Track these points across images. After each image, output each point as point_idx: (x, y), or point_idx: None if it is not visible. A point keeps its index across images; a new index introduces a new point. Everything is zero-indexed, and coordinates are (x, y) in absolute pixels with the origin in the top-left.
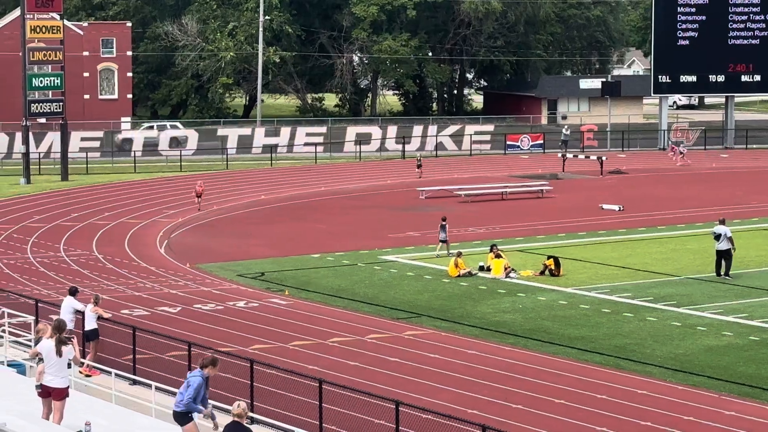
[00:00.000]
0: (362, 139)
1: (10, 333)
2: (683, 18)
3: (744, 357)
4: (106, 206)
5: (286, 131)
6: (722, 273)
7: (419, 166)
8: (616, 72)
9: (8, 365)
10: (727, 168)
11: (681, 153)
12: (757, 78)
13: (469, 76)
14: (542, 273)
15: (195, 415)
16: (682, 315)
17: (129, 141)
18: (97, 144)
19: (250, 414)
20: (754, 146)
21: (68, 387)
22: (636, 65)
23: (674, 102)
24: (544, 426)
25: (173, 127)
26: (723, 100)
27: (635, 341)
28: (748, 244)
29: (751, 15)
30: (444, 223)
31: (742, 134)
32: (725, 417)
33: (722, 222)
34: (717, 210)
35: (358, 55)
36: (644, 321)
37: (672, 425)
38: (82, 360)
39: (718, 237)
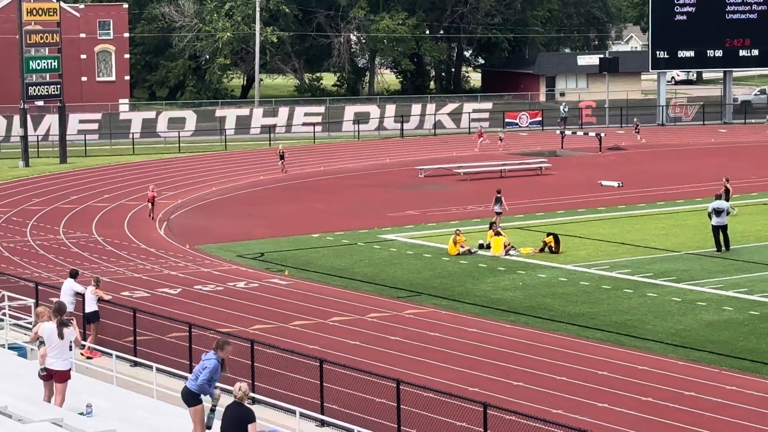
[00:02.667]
0: (360, 119)
1: (11, 316)
2: None
3: (744, 331)
4: (105, 188)
5: (284, 111)
6: (722, 248)
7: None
8: (614, 48)
9: (9, 348)
10: (725, 143)
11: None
12: (755, 52)
13: (467, 54)
14: (542, 250)
15: (203, 397)
16: (682, 290)
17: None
18: (95, 126)
19: (251, 394)
20: (753, 121)
21: (70, 369)
22: (634, 41)
23: (672, 77)
24: (545, 403)
25: None
26: (721, 75)
27: (635, 317)
28: (748, 219)
29: None
30: (499, 195)
31: (741, 109)
32: (726, 391)
33: (719, 197)
34: (716, 186)
35: (356, 34)
36: (644, 297)
37: (673, 401)
38: (83, 342)
39: (718, 213)
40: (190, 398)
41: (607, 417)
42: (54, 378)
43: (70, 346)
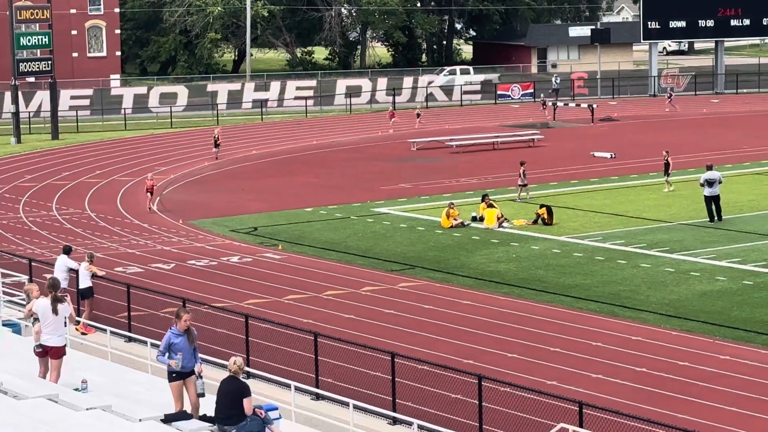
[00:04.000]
0: (352, 92)
1: (5, 293)
2: None
3: (737, 301)
4: (97, 164)
5: (275, 86)
6: (715, 218)
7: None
8: (605, 19)
9: (3, 325)
10: (718, 113)
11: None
12: (746, 22)
13: (459, 26)
14: (535, 222)
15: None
16: (676, 261)
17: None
18: (86, 102)
19: (246, 369)
20: (745, 91)
21: (65, 345)
22: (625, 12)
23: (664, 48)
24: (539, 374)
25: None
26: (713, 45)
27: (629, 288)
28: (741, 189)
29: None
30: (523, 167)
31: (733, 79)
32: (720, 361)
33: (710, 168)
34: (708, 156)
35: (347, 7)
36: (638, 268)
37: (667, 371)
38: (78, 318)
39: (711, 183)
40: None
41: (602, 388)
42: (49, 354)
43: (65, 323)
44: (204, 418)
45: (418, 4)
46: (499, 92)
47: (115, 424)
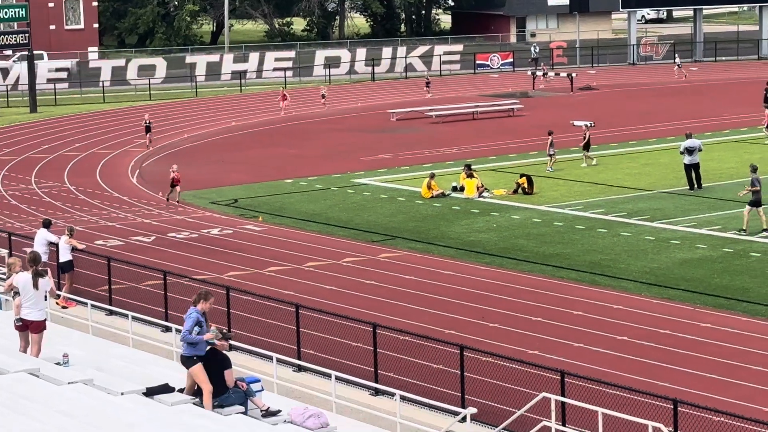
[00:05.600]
0: (331, 63)
1: None
2: None
3: (718, 269)
4: (76, 137)
5: (254, 57)
6: (695, 186)
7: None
8: None
9: None
10: (696, 81)
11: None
12: None
13: None
14: (515, 191)
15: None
16: (656, 229)
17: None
18: (64, 75)
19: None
20: (723, 59)
21: (45, 319)
22: None
23: (642, 16)
24: (521, 344)
25: None
26: (691, 12)
27: (610, 257)
28: (721, 157)
29: None
30: (551, 137)
31: (711, 47)
32: (701, 329)
33: (689, 136)
34: (687, 123)
35: None
36: (618, 236)
37: (648, 339)
38: (58, 292)
39: (690, 151)
40: (185, 362)
41: (583, 357)
42: (29, 328)
43: (45, 296)
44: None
45: None
46: (478, 62)
47: (96, 397)
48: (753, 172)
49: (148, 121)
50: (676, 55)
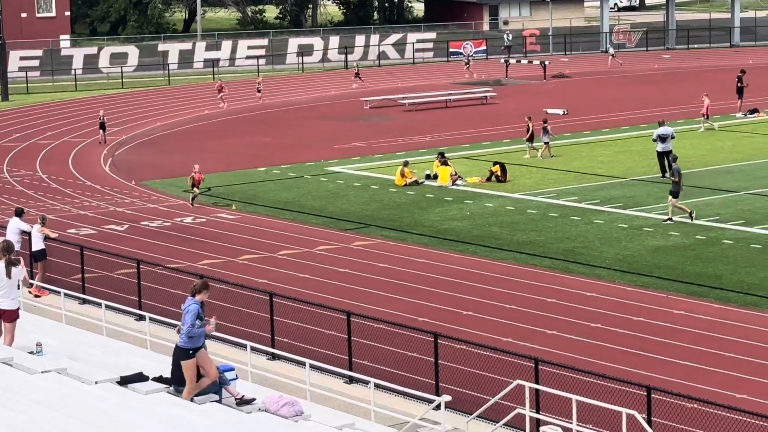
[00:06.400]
0: (304, 51)
1: None
2: None
3: (690, 256)
4: (48, 125)
5: (227, 45)
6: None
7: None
8: None
9: None
10: (669, 69)
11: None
12: None
13: None
14: (489, 179)
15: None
16: (629, 217)
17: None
18: (36, 63)
19: None
20: (696, 46)
21: (18, 308)
22: None
23: (615, 4)
24: (495, 331)
25: None
26: (664, 0)
27: (583, 244)
28: (693, 144)
29: None
30: (545, 125)
31: (684, 34)
32: (674, 316)
33: (662, 123)
34: (660, 111)
35: None
36: (591, 224)
37: (622, 326)
38: (31, 281)
39: (663, 139)
40: (181, 354)
41: (557, 344)
42: (2, 318)
43: (18, 285)
44: (160, 379)
45: None
46: (451, 49)
47: (70, 386)
48: (674, 162)
49: (103, 118)
50: (609, 45)
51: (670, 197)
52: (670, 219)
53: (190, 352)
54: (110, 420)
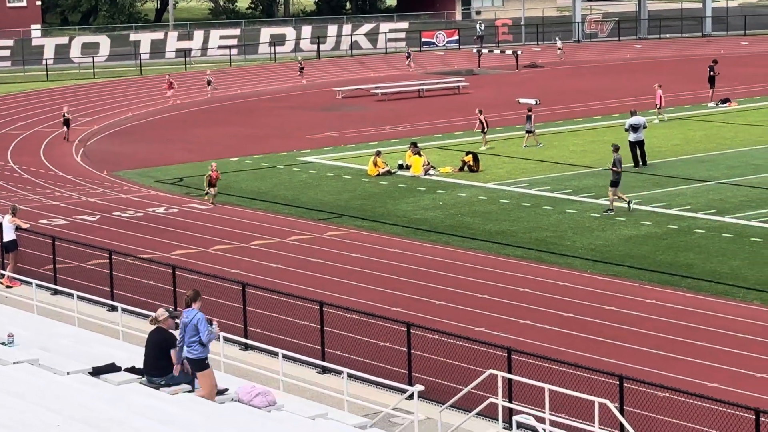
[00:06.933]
0: (277, 41)
1: None
2: None
3: (663, 245)
4: (19, 116)
5: (199, 35)
6: (640, 163)
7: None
8: None
9: None
10: (641, 58)
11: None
12: None
13: None
14: (461, 169)
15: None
16: (601, 206)
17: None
18: (7, 53)
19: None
20: (668, 36)
21: None
22: None
23: None
24: (467, 321)
25: None
26: None
27: (555, 234)
28: (665, 134)
29: None
30: (530, 113)
31: (656, 24)
32: (646, 305)
33: (634, 113)
34: (632, 101)
35: None
36: (564, 213)
37: (594, 315)
38: (2, 271)
39: (635, 128)
40: (197, 365)
41: (530, 333)
42: None
43: None
44: (133, 369)
45: None
46: (423, 39)
47: (42, 377)
48: (615, 152)
49: (66, 114)
50: (557, 37)
51: (610, 187)
52: (610, 209)
53: (206, 362)
54: (82, 411)
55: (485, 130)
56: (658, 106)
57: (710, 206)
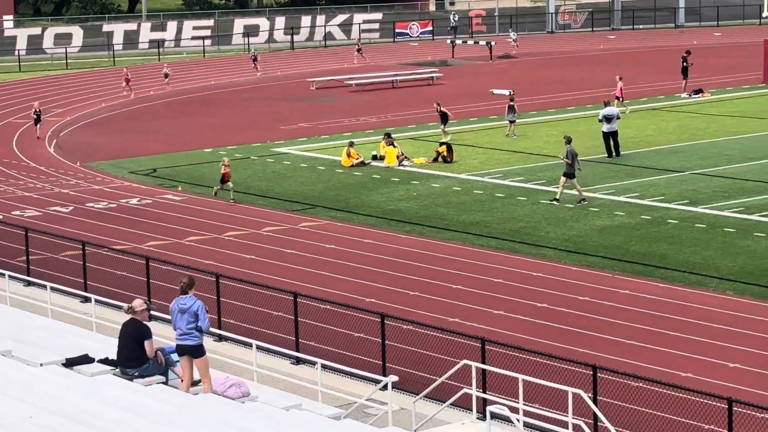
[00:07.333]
0: (250, 32)
1: None
2: None
3: (636, 236)
4: None
5: (172, 26)
6: (613, 154)
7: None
8: None
9: None
10: (614, 49)
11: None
12: None
13: None
14: (435, 160)
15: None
16: (575, 197)
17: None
18: None
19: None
20: (641, 27)
21: None
22: None
23: None
24: (441, 312)
25: None
26: None
27: (529, 224)
28: (638, 125)
29: None
30: (512, 103)
31: (629, 15)
32: (619, 295)
33: (608, 104)
34: (606, 91)
35: None
36: (537, 204)
37: (568, 306)
38: None
39: (609, 119)
40: (196, 351)
41: (504, 324)
42: None
43: None
44: (106, 361)
45: None
46: (397, 30)
47: (16, 369)
48: (567, 143)
49: (38, 110)
50: (511, 29)
51: (562, 178)
52: (556, 200)
53: (204, 348)
54: (56, 402)
55: (445, 121)
56: (618, 98)
57: (683, 197)
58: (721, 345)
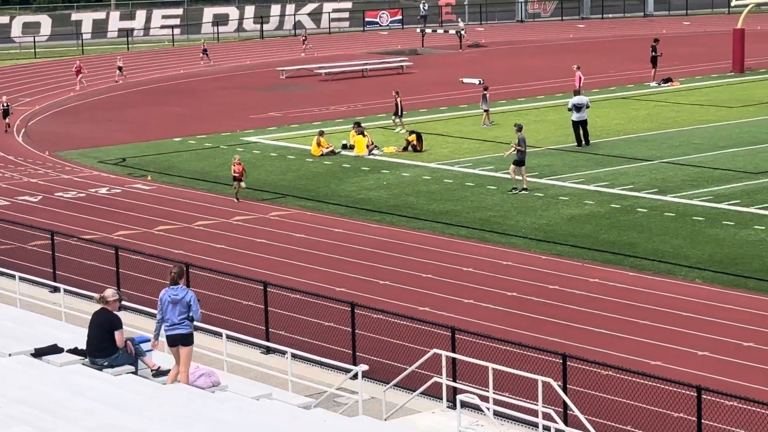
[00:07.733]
0: (220, 20)
1: None
2: None
3: (605, 224)
4: None
5: (141, 14)
6: (583, 142)
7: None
8: None
9: None
10: (584, 38)
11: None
12: None
13: None
14: (405, 149)
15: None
16: (545, 186)
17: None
18: None
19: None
20: (610, 16)
21: None
22: None
23: None
24: (412, 301)
25: None
26: None
27: (499, 213)
28: (608, 113)
29: None
30: (485, 92)
31: (598, 4)
32: (589, 284)
33: (577, 93)
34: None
35: None
36: (507, 193)
37: (538, 295)
38: None
39: (578, 108)
40: (187, 339)
41: (474, 313)
42: None
43: None
44: (75, 351)
45: None
46: (367, 19)
47: None
48: (518, 131)
49: (6, 104)
50: (459, 18)
51: (512, 165)
52: (515, 188)
53: (193, 335)
54: (25, 392)
55: (400, 113)
56: (577, 87)
57: (652, 185)
58: (690, 333)
